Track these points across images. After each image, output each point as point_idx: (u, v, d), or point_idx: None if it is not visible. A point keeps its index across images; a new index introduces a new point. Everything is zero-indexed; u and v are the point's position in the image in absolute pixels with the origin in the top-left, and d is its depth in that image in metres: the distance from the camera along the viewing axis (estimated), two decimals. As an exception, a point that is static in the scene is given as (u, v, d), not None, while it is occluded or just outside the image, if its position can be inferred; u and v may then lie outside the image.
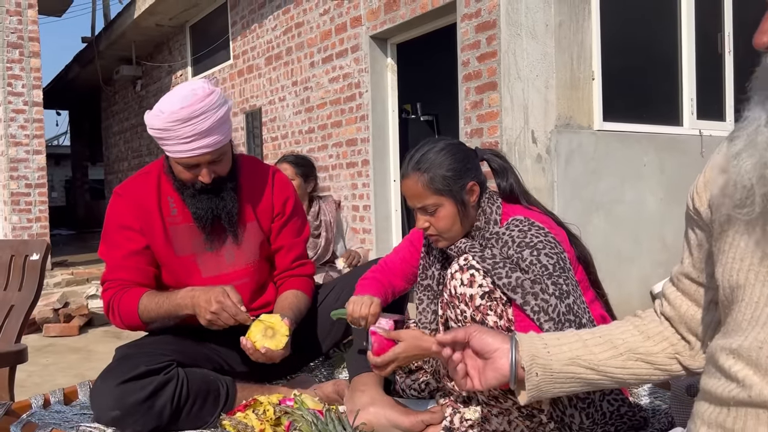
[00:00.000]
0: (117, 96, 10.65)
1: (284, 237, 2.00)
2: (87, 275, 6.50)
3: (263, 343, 1.67)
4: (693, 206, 1.01)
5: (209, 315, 1.67)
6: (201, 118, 1.67)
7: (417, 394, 1.82)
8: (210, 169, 1.77)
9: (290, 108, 5.76)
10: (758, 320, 0.85)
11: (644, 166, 3.64)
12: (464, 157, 1.55)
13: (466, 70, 3.85)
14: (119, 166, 10.72)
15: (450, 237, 1.55)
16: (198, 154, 1.72)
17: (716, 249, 0.95)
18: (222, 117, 1.72)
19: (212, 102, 1.69)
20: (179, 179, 1.82)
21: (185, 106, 1.67)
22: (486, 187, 1.59)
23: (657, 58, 3.92)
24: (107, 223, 1.88)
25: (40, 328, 4.52)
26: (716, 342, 0.93)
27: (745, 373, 0.85)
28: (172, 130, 1.68)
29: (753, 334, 0.85)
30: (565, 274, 1.41)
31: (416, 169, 1.52)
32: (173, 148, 1.72)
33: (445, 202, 1.51)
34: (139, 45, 8.82)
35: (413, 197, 1.54)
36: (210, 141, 1.71)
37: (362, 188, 4.90)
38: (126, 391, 1.61)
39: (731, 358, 0.88)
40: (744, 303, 0.87)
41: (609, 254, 3.44)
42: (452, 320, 1.50)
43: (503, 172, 1.63)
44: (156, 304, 1.77)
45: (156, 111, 1.72)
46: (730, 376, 0.88)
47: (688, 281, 1.05)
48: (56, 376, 3.41)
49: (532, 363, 1.04)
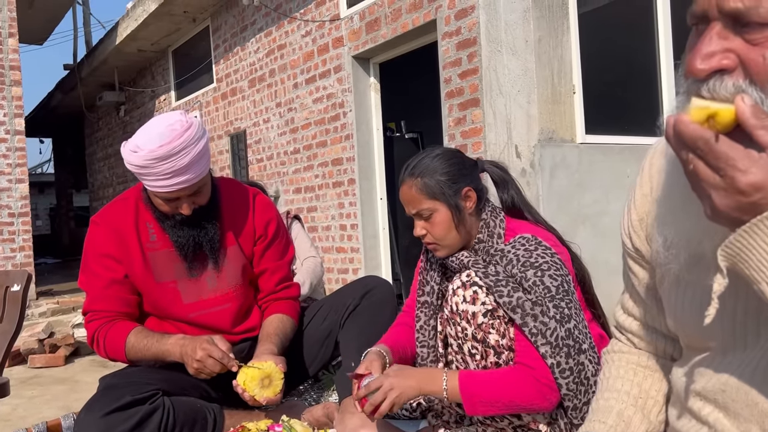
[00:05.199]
0: (100, 122, 10.60)
1: (267, 260, 1.97)
2: (72, 304, 6.41)
3: (263, 394, 1.65)
4: (631, 244, 0.98)
5: (195, 364, 1.65)
6: (180, 155, 1.65)
7: (409, 415, 1.80)
8: (190, 201, 1.75)
9: (275, 129, 5.76)
10: (720, 364, 0.82)
11: (627, 178, 3.66)
12: (459, 163, 1.54)
13: (448, 88, 3.87)
14: (104, 192, 10.63)
15: (447, 245, 1.53)
16: (177, 189, 1.69)
17: (662, 294, 0.92)
18: (201, 151, 1.69)
19: (191, 137, 1.67)
20: (159, 210, 1.80)
21: (163, 144, 1.63)
22: (487, 199, 1.58)
23: (636, 70, 3.97)
24: (86, 252, 1.86)
25: (25, 359, 4.43)
26: (680, 380, 0.90)
27: (715, 417, 0.82)
28: (150, 167, 1.65)
29: (716, 377, 0.82)
30: (568, 297, 1.39)
31: (411, 174, 1.52)
32: (152, 183, 1.69)
33: (440, 206, 1.50)
34: (122, 71, 8.81)
35: (408, 203, 1.53)
36: (189, 176, 1.68)
37: (349, 207, 4.89)
38: (111, 422, 1.58)
39: (699, 401, 0.85)
40: (702, 348, 0.85)
41: (596, 266, 3.42)
42: (452, 337, 1.48)
43: (504, 184, 1.62)
44: (144, 347, 1.75)
45: (132, 146, 1.68)
46: (700, 419, 0.85)
47: (638, 317, 1.04)
48: (42, 409, 3.33)
49: None
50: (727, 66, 0.66)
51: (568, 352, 1.35)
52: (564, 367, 1.35)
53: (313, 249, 3.18)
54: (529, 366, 1.36)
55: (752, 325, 0.79)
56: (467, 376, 1.40)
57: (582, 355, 1.37)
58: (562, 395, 1.36)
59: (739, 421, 0.79)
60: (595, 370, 1.40)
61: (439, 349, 1.60)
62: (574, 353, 1.36)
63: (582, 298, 1.55)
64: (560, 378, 1.35)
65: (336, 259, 5.06)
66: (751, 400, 0.77)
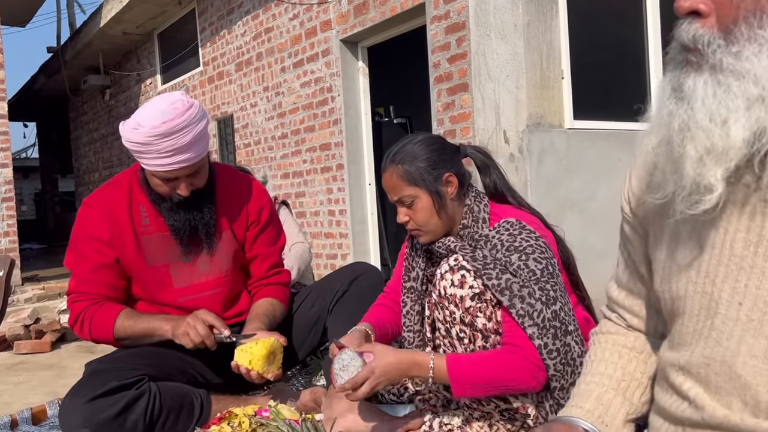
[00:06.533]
0: (85, 106, 10.47)
1: (259, 246, 1.98)
2: (58, 290, 6.36)
3: (270, 370, 1.65)
4: (630, 209, 0.99)
5: (185, 326, 1.67)
6: (182, 133, 1.65)
7: (396, 399, 1.80)
8: (188, 182, 1.75)
9: (262, 114, 5.71)
10: (701, 334, 0.83)
11: (618, 161, 3.67)
12: (440, 149, 1.54)
13: (437, 72, 3.85)
14: (90, 177, 10.53)
15: (430, 231, 1.53)
16: (177, 168, 1.69)
17: (653, 257, 0.93)
18: (201, 131, 1.70)
19: (192, 116, 1.67)
20: (156, 192, 1.78)
21: (166, 120, 1.64)
22: (471, 184, 1.58)
23: (624, 55, 3.96)
24: (76, 233, 1.84)
25: (11, 345, 4.40)
26: (665, 354, 0.91)
27: (696, 392, 0.83)
28: (151, 144, 1.65)
29: (699, 350, 0.83)
30: (553, 280, 1.40)
31: (392, 161, 1.53)
32: (151, 162, 1.68)
33: (420, 193, 1.50)
34: (107, 54, 8.68)
35: (390, 190, 1.54)
36: (190, 155, 1.69)
37: (337, 192, 4.88)
38: (96, 407, 1.57)
39: (681, 375, 0.86)
40: (686, 315, 0.85)
41: (583, 251, 3.43)
42: (440, 321, 1.48)
43: (486, 169, 1.63)
44: (133, 324, 1.76)
45: (133, 124, 1.68)
46: (681, 393, 0.86)
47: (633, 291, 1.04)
48: (28, 395, 3.31)
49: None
50: (702, 10, 0.75)
51: (555, 334, 1.36)
52: (551, 348, 1.36)
53: (301, 234, 3.17)
54: (517, 346, 1.36)
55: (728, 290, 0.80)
56: (454, 358, 1.40)
57: (568, 337, 1.38)
58: (549, 376, 1.37)
59: (720, 395, 0.80)
60: (581, 351, 1.41)
61: (427, 333, 1.60)
62: (560, 334, 1.37)
63: (567, 281, 1.56)
64: (547, 359, 1.35)
65: (324, 245, 5.06)
66: (734, 373, 0.79)
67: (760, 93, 0.71)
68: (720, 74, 0.73)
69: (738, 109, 0.72)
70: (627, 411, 1.00)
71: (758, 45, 0.72)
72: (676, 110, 0.77)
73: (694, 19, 0.77)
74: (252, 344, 1.64)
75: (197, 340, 1.67)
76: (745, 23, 0.73)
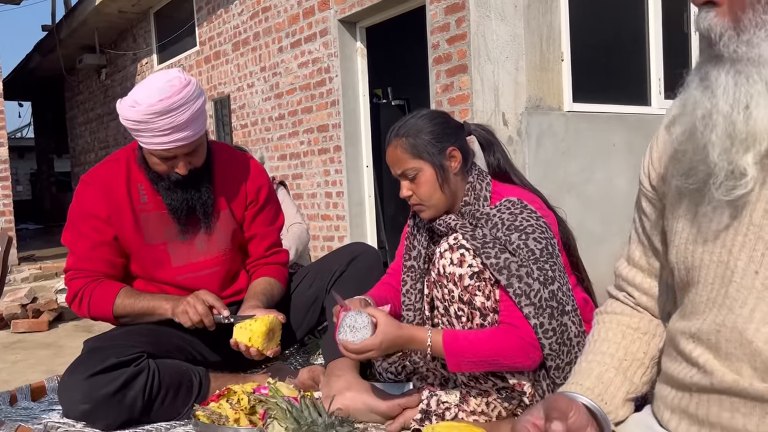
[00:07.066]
0: (81, 85, 10.38)
1: (258, 225, 1.98)
2: (55, 269, 6.36)
3: (270, 347, 1.67)
4: (649, 183, 0.99)
5: (185, 305, 1.68)
6: (179, 111, 1.64)
7: (394, 378, 1.82)
8: (186, 161, 1.74)
9: (259, 94, 5.68)
10: (715, 302, 0.84)
11: (614, 146, 3.67)
12: (444, 123, 1.54)
13: (436, 53, 3.83)
14: (86, 158, 10.47)
15: (432, 205, 1.53)
16: (175, 146, 1.69)
17: (669, 229, 0.93)
18: (199, 109, 1.69)
19: (190, 93, 1.66)
20: (154, 171, 1.78)
21: (163, 98, 1.63)
22: (474, 162, 1.58)
23: (625, 38, 3.94)
24: (73, 210, 1.84)
25: (8, 324, 4.41)
26: (675, 324, 0.92)
27: (705, 358, 0.84)
28: (149, 122, 1.64)
29: (711, 317, 0.84)
30: (552, 260, 1.40)
31: (396, 135, 1.53)
32: (149, 140, 1.68)
33: (424, 166, 1.50)
34: (102, 32, 8.59)
35: (394, 163, 1.54)
36: (187, 133, 1.68)
37: (335, 174, 4.87)
38: (95, 384, 1.57)
39: (691, 343, 0.87)
40: (700, 285, 0.86)
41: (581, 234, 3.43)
42: (438, 300, 1.49)
43: (490, 147, 1.63)
44: (133, 302, 1.77)
45: (131, 102, 1.67)
46: (690, 360, 0.87)
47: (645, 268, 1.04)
48: (26, 373, 3.33)
49: None
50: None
51: (552, 314, 1.37)
52: (547, 327, 1.37)
53: (298, 215, 3.17)
54: (513, 325, 1.37)
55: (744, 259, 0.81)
56: (451, 334, 1.42)
57: (565, 317, 1.39)
58: (544, 355, 1.39)
59: (730, 361, 0.81)
60: (578, 331, 1.42)
61: (426, 312, 1.61)
62: (557, 314, 1.37)
63: (567, 262, 1.56)
64: (543, 338, 1.37)
65: (321, 227, 5.06)
66: (745, 339, 0.80)
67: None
68: (738, 64, 0.76)
69: (759, 94, 0.75)
70: (627, 390, 1.01)
71: (765, 30, 0.74)
72: (701, 99, 0.80)
73: (710, 8, 0.79)
74: (251, 321, 1.65)
75: (196, 319, 1.67)
76: (753, 10, 0.75)
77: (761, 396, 0.78)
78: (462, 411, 1.51)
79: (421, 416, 1.53)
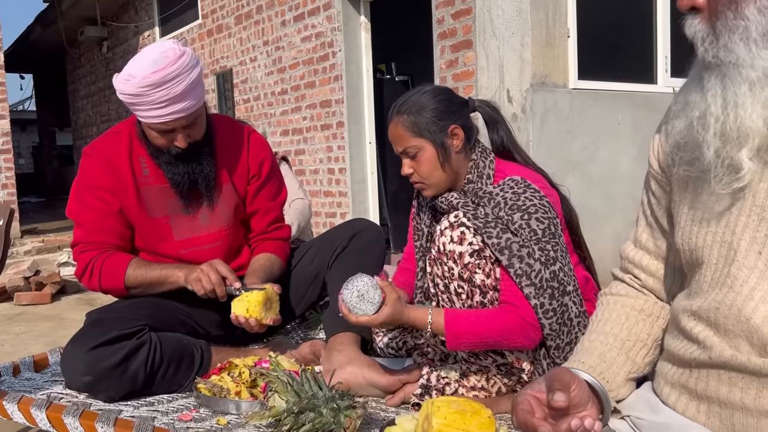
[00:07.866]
0: (83, 58, 10.31)
1: (260, 200, 1.97)
2: (58, 243, 6.39)
3: (269, 316, 1.67)
4: (657, 164, 1.01)
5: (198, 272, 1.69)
6: (174, 82, 1.62)
7: (394, 353, 1.83)
8: (185, 134, 1.72)
9: (262, 69, 5.63)
10: (718, 281, 0.86)
11: (618, 125, 3.64)
12: (447, 100, 1.51)
13: (441, 28, 3.78)
14: (87, 131, 10.44)
15: (433, 184, 1.52)
16: (172, 119, 1.67)
17: (675, 211, 0.95)
18: (195, 79, 1.67)
19: (184, 64, 1.64)
20: (153, 145, 1.76)
21: (157, 70, 1.60)
22: (477, 139, 1.56)
23: (632, 15, 3.89)
24: (79, 182, 1.83)
25: (11, 296, 4.44)
26: (678, 303, 0.94)
27: (705, 335, 0.86)
28: (144, 95, 1.62)
29: (712, 296, 0.86)
30: (554, 240, 1.39)
31: (398, 112, 1.51)
32: (146, 114, 1.66)
33: (425, 144, 1.49)
34: (104, 5, 8.51)
35: (395, 141, 1.52)
36: (184, 105, 1.66)
37: (337, 151, 4.85)
38: (98, 356, 1.58)
39: (692, 320, 0.89)
40: (704, 265, 0.88)
41: (584, 212, 3.43)
42: (439, 277, 1.49)
43: (494, 124, 1.61)
44: (145, 271, 1.77)
45: (125, 75, 1.65)
46: (691, 337, 0.89)
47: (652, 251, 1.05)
48: (29, 345, 3.36)
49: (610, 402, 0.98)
50: (698, 4, 0.83)
51: (552, 294, 1.36)
52: (547, 308, 1.37)
53: (301, 191, 3.16)
54: (514, 305, 1.37)
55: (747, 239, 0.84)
56: (452, 312, 1.42)
57: (566, 297, 1.39)
58: (544, 335, 1.39)
59: (729, 337, 0.84)
60: (578, 312, 1.42)
61: (431, 289, 1.61)
62: (558, 295, 1.37)
63: (569, 240, 1.56)
64: (543, 318, 1.37)
65: (324, 203, 5.05)
66: (743, 316, 0.83)
67: (759, 75, 0.78)
68: (722, 67, 0.81)
69: (744, 94, 0.80)
70: (629, 370, 1.02)
71: (738, 34, 0.79)
72: (697, 100, 0.85)
73: (695, 14, 0.84)
74: (246, 294, 1.65)
75: (209, 288, 1.67)
76: (724, 16, 0.80)
77: (759, 370, 0.80)
78: (462, 386, 1.52)
79: (421, 391, 1.54)
